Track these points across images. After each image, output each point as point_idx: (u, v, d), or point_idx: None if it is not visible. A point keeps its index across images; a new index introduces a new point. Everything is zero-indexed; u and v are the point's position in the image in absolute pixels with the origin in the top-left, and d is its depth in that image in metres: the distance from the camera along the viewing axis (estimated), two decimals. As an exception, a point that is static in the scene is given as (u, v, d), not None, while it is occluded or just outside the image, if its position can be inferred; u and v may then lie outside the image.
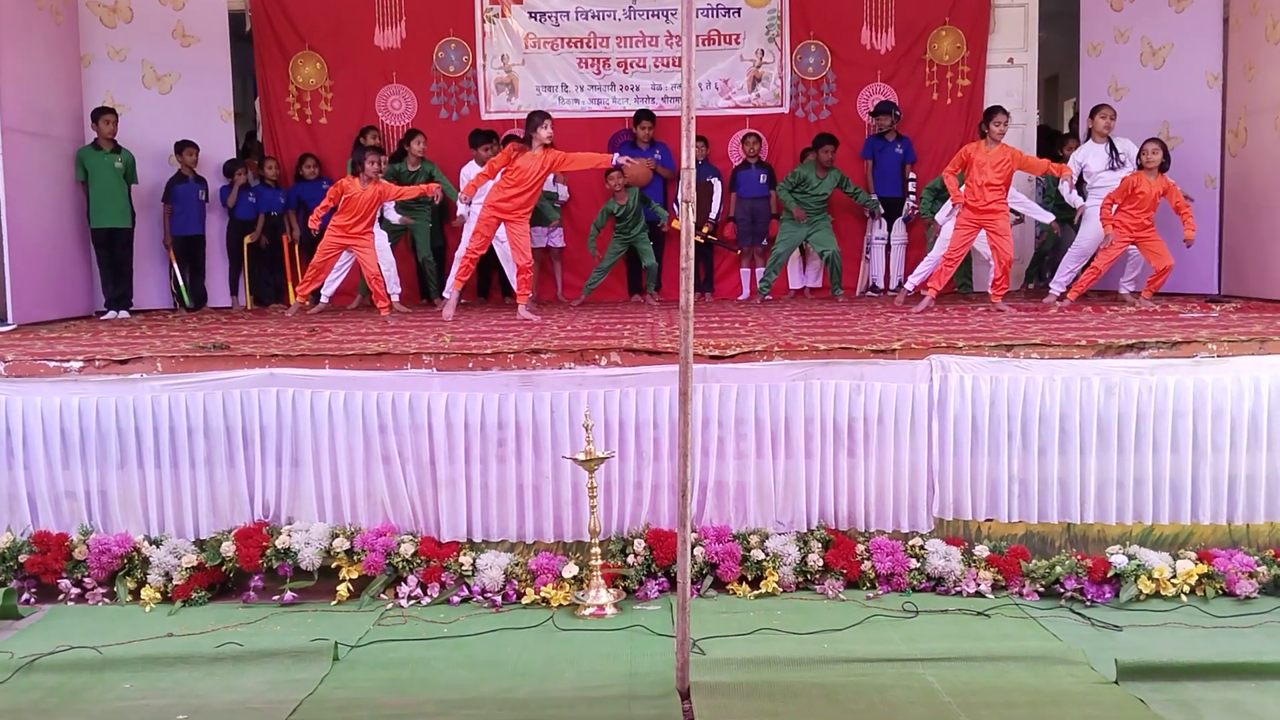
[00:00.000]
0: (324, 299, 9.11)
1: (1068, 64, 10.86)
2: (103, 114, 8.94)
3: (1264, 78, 8.41)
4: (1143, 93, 9.44)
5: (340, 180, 8.14)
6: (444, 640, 4.60)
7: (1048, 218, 9.12)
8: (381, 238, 8.89)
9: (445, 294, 8.59)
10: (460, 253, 8.29)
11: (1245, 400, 5.20)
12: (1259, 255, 8.53)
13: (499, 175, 7.43)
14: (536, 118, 7.40)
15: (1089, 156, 8.58)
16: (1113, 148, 8.51)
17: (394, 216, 9.05)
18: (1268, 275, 8.37)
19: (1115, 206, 7.80)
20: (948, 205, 8.49)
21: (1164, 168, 7.71)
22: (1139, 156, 7.82)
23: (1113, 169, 8.41)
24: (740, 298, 10.24)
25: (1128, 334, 5.69)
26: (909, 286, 8.61)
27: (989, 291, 7.96)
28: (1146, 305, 7.78)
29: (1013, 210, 9.03)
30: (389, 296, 8.42)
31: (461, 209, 7.54)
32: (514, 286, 7.91)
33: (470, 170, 9.07)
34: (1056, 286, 8.52)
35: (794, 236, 9.40)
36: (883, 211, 9.88)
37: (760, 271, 10.01)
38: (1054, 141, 10.66)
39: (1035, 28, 10.44)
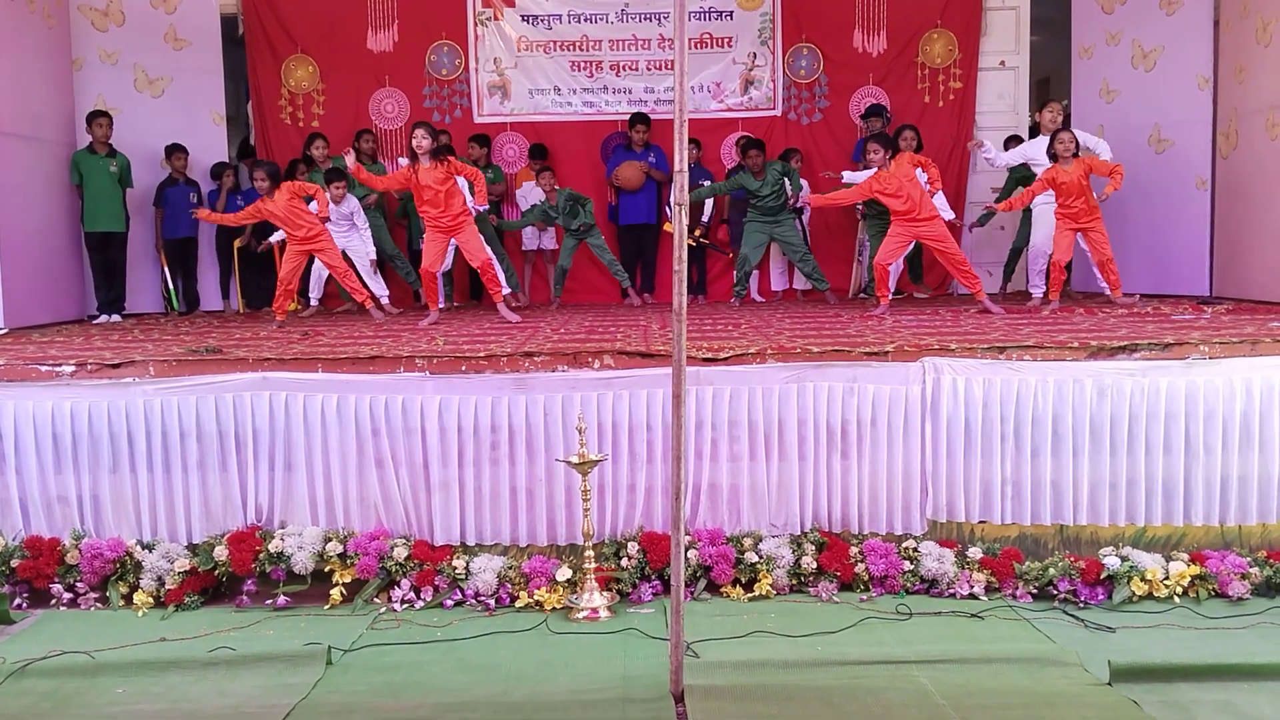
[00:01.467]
0: (313, 302, 9.11)
1: (1059, 67, 10.88)
2: (98, 118, 8.93)
3: (1254, 80, 8.43)
4: (1134, 95, 9.47)
5: (255, 202, 8.02)
6: (438, 644, 4.59)
7: (948, 215, 9.01)
8: (373, 250, 8.92)
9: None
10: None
11: (1237, 402, 5.21)
12: (1250, 257, 8.55)
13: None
14: (414, 130, 7.39)
15: (1037, 151, 8.55)
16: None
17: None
18: (1259, 277, 8.39)
19: (1051, 202, 7.89)
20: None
21: (1076, 153, 7.73)
22: (1049, 146, 7.87)
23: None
24: (732, 301, 10.24)
25: (1120, 336, 5.71)
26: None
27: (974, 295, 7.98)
28: (1128, 302, 7.82)
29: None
30: (367, 290, 8.38)
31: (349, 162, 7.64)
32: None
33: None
34: (1036, 290, 8.54)
35: (757, 238, 9.35)
36: (804, 202, 9.76)
37: (754, 275, 10.02)
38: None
39: (1027, 30, 10.48)
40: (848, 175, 8.88)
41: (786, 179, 9.12)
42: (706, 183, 9.87)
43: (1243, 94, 8.60)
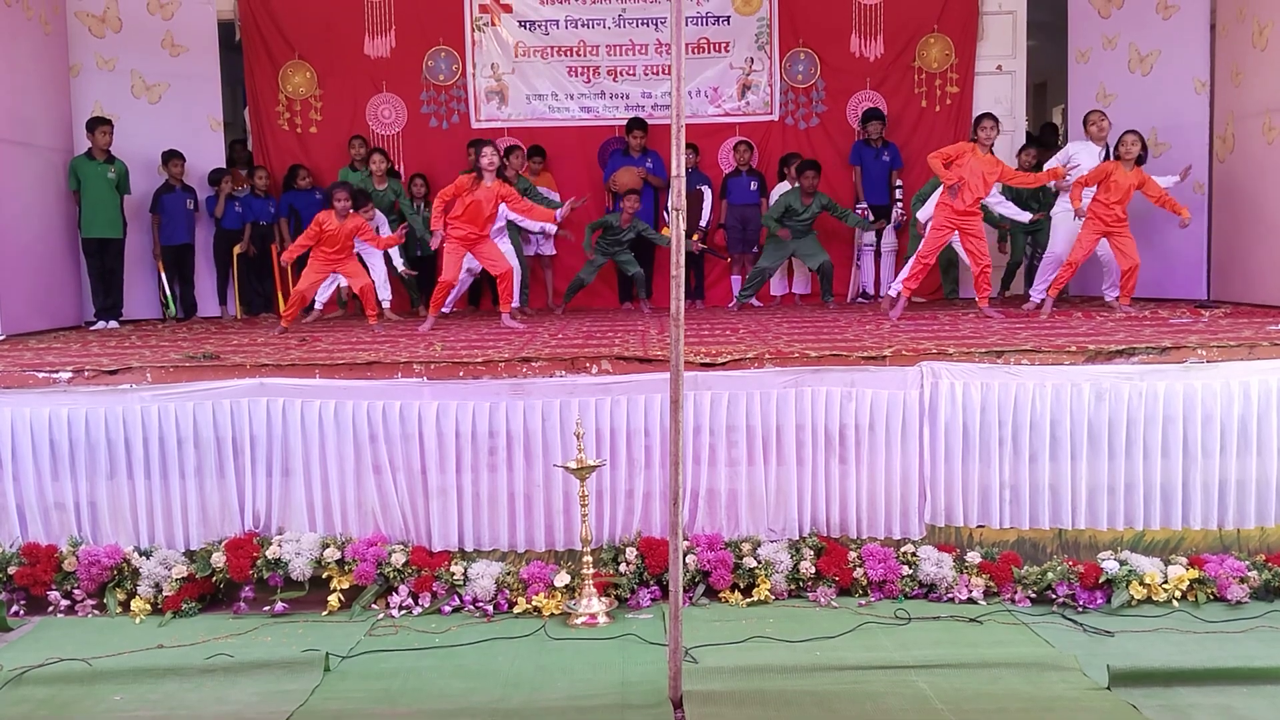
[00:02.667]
0: (318, 306, 9.11)
1: (1056, 71, 10.91)
2: (99, 124, 8.93)
3: (1251, 84, 8.45)
4: (1131, 99, 9.48)
5: (318, 216, 7.95)
6: (435, 650, 4.59)
7: (1024, 217, 9.06)
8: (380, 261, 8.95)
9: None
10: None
11: (1235, 405, 5.21)
12: (1247, 260, 8.56)
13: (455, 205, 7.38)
14: (478, 147, 7.37)
15: (1081, 152, 8.52)
16: (1108, 153, 8.49)
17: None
18: (1256, 280, 8.40)
19: (1090, 196, 7.75)
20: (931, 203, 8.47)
21: (1141, 161, 7.64)
22: (1116, 146, 7.75)
23: None
24: (731, 305, 10.24)
25: (1117, 340, 5.71)
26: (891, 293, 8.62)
27: (975, 297, 7.98)
28: (1128, 311, 7.79)
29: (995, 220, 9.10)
30: (379, 305, 8.40)
31: (435, 241, 7.53)
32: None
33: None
34: (1036, 293, 8.53)
35: (779, 253, 9.42)
36: (876, 222, 9.86)
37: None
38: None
39: (1024, 35, 10.50)
40: (921, 214, 8.83)
41: (827, 210, 9.25)
42: (705, 189, 9.91)
43: (1239, 97, 8.61)
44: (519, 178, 9.26)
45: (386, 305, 8.83)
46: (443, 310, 8.12)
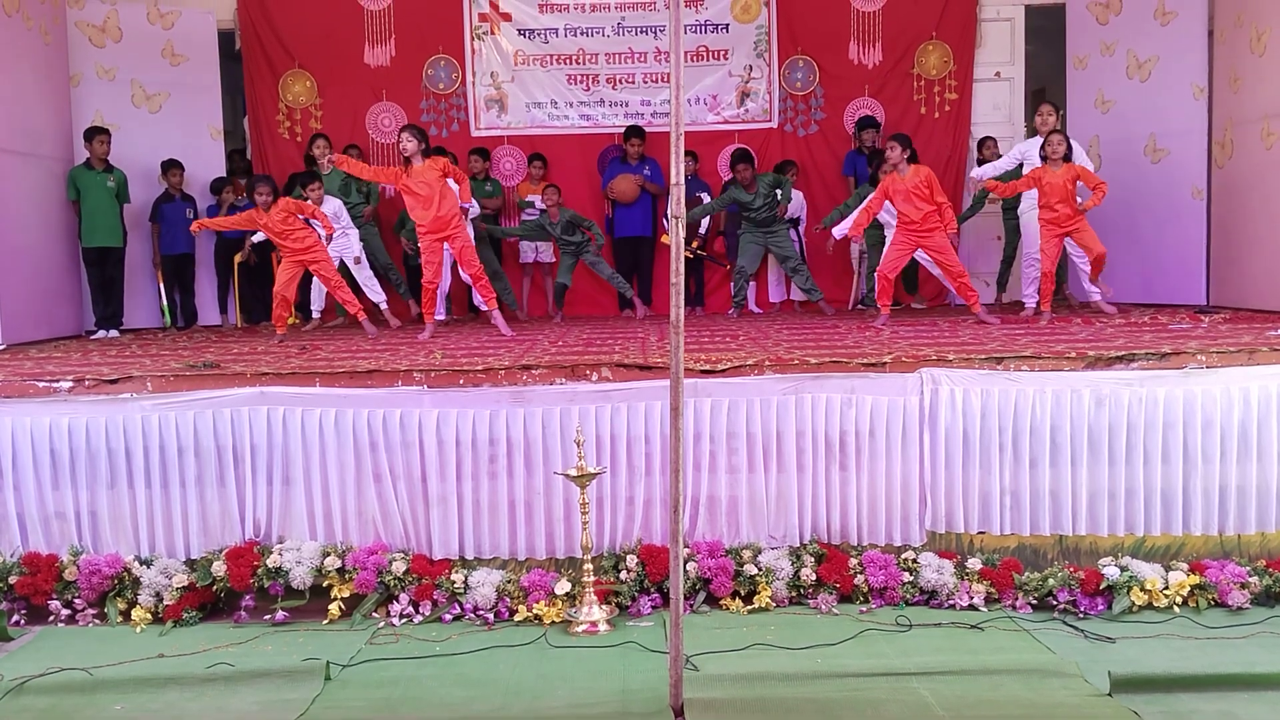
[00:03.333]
0: (315, 314, 9.12)
1: (1054, 77, 10.91)
2: (96, 134, 8.94)
3: (1249, 89, 8.45)
4: (1129, 105, 9.49)
5: (248, 210, 8.01)
6: (436, 659, 4.58)
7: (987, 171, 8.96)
8: (358, 248, 8.95)
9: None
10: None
11: (1235, 411, 5.21)
12: (1247, 266, 8.56)
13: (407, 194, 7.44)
14: (400, 134, 7.46)
15: (1032, 148, 8.55)
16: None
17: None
18: (1255, 286, 8.40)
19: (1034, 204, 7.93)
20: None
21: (1067, 158, 7.80)
22: (1041, 148, 7.91)
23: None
24: (730, 313, 10.24)
25: (1117, 346, 5.71)
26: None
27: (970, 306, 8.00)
28: (1108, 306, 7.84)
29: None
30: (358, 303, 8.36)
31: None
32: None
33: None
34: (1029, 300, 8.56)
35: (752, 249, 9.36)
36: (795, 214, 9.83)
37: (751, 286, 10.03)
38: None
39: (1022, 41, 10.52)
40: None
41: (778, 190, 9.13)
42: (705, 196, 9.90)
43: (1238, 103, 8.62)
44: (334, 170, 9.19)
45: (384, 305, 8.86)
46: (440, 316, 8.10)
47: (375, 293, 9.05)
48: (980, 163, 9.46)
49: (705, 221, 10.01)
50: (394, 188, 8.08)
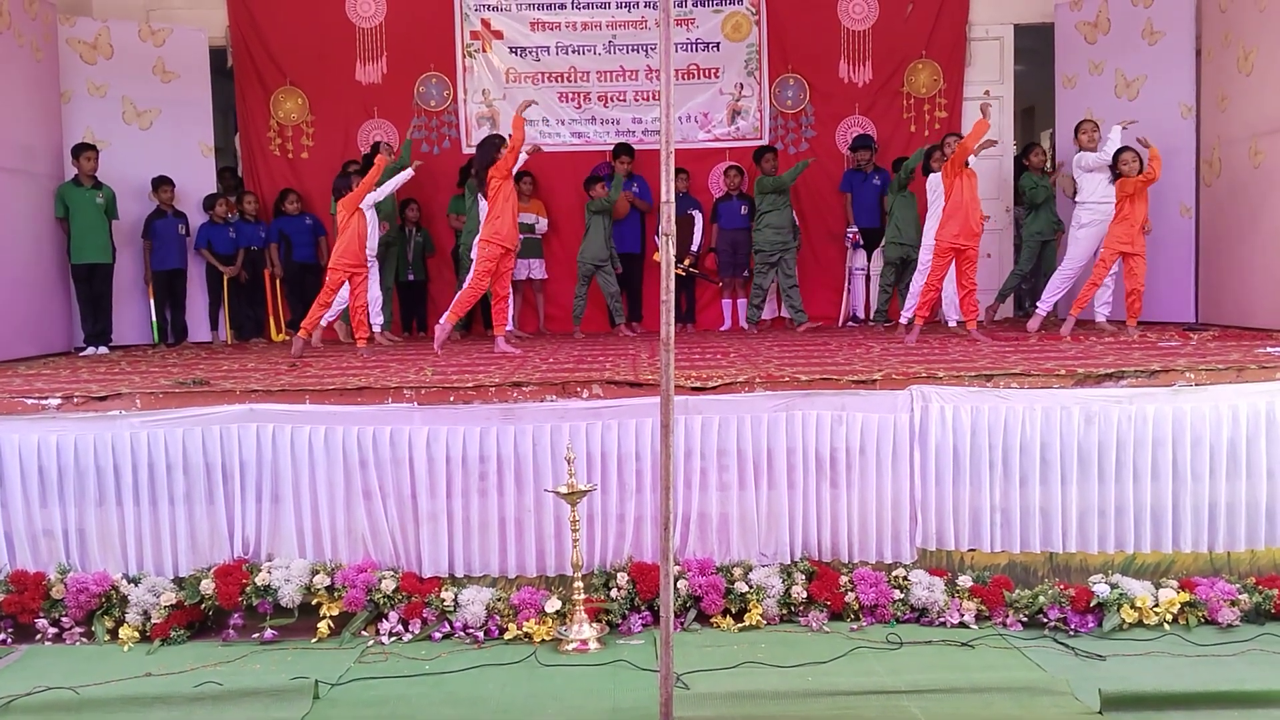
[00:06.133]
0: (377, 329, 9.10)
1: (1043, 96, 10.99)
2: (83, 150, 8.94)
3: (1237, 108, 8.51)
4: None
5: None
6: (425, 677, 4.56)
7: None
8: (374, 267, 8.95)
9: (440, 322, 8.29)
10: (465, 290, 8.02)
11: (1224, 428, 5.23)
12: (1235, 283, 8.61)
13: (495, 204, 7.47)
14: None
15: (1085, 156, 8.59)
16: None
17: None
18: (1244, 303, 8.45)
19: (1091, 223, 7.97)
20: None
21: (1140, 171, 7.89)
22: (1116, 166, 7.96)
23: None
24: (722, 328, 10.26)
25: (1106, 363, 5.73)
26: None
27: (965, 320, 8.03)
28: (1133, 334, 7.80)
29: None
30: (371, 328, 8.37)
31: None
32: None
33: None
34: (1043, 305, 8.57)
35: (765, 266, 9.55)
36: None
37: (742, 303, 10.07)
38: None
39: (1011, 60, 10.59)
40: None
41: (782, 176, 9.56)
42: (695, 213, 10.00)
43: (1226, 122, 8.68)
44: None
45: (378, 329, 8.84)
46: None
47: (376, 315, 9.02)
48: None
49: (698, 237, 10.06)
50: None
